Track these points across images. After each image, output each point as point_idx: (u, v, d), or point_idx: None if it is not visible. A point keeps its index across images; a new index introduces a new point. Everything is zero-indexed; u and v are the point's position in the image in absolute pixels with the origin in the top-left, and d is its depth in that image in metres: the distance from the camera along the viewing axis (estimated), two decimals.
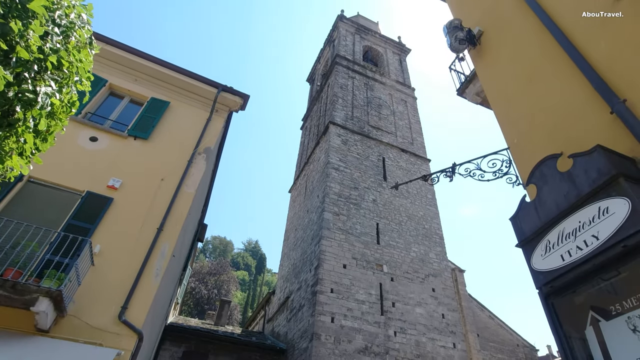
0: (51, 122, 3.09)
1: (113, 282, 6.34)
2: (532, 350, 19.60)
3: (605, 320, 2.85)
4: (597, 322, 2.91)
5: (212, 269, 47.58)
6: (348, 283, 14.10)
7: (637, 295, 2.68)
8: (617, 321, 2.75)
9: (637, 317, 2.64)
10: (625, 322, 2.70)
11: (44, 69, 2.72)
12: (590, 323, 2.96)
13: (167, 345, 13.49)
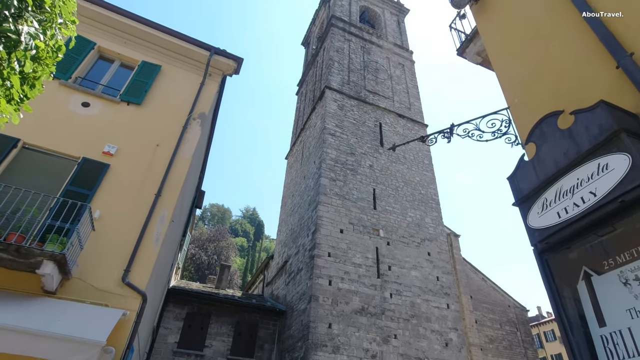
0: (37, 67, 3.01)
1: (115, 246, 6.43)
2: (523, 311, 20.40)
3: (598, 275, 2.93)
4: (589, 277, 2.99)
5: (211, 236, 48.26)
6: (345, 247, 14.39)
7: (630, 250, 2.75)
8: (609, 275, 2.83)
9: (629, 271, 2.72)
10: (617, 276, 2.78)
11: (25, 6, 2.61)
12: (582, 278, 3.04)
13: (170, 307, 13.91)
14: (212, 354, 13.73)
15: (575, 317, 2.96)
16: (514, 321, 19.49)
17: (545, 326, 45.24)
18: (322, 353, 11.87)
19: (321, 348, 11.94)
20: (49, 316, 5.20)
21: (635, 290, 2.61)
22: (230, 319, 14.74)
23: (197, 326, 14.06)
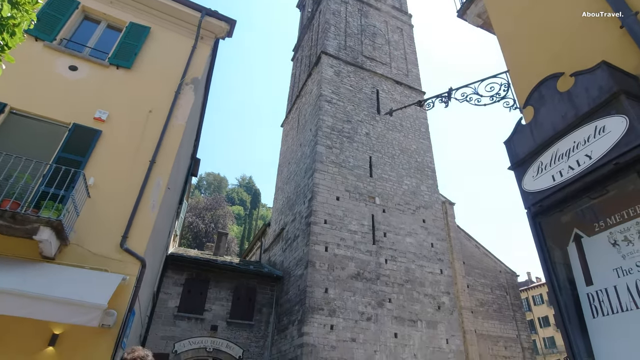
0: (16, 14, 2.88)
1: (111, 213, 6.45)
2: (513, 276, 21.01)
3: (588, 237, 2.98)
4: (580, 239, 3.05)
5: (208, 204, 48.57)
6: (341, 214, 14.54)
7: (621, 212, 2.79)
8: (599, 237, 2.89)
9: (619, 232, 2.77)
10: (606, 237, 2.83)
11: None
12: (573, 240, 3.10)
13: (169, 274, 14.19)
14: (212, 317, 14.16)
15: (563, 278, 3.04)
16: (504, 286, 20.12)
17: (533, 290, 46.92)
18: (318, 316, 12.27)
19: (318, 311, 12.33)
20: (50, 280, 5.29)
21: (624, 251, 2.66)
22: (229, 284, 15.09)
23: (196, 291, 14.41)
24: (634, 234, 2.67)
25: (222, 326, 14.16)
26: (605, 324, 2.64)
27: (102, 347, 5.76)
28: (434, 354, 13.49)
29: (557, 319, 2.85)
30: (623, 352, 2.50)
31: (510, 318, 19.10)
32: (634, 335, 2.44)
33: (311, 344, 11.73)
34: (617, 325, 2.57)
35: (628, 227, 2.70)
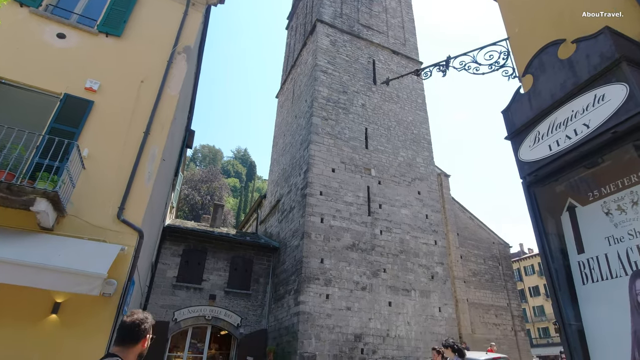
0: None
1: (107, 184, 6.42)
2: (506, 247, 21.45)
3: (582, 206, 3.02)
4: (574, 208, 3.09)
5: (204, 177, 48.48)
6: (337, 186, 14.60)
7: (615, 182, 2.81)
8: (593, 206, 2.93)
9: (613, 202, 2.81)
10: (600, 207, 2.87)
11: None
12: (567, 209, 3.14)
13: (167, 245, 14.34)
14: (210, 287, 14.46)
15: (556, 247, 3.10)
16: (497, 256, 20.58)
17: (525, 261, 48.13)
18: (314, 285, 12.56)
19: (314, 281, 12.61)
20: (49, 251, 5.32)
21: (616, 219, 2.71)
22: (226, 255, 15.31)
23: (194, 262, 14.63)
24: (627, 203, 2.70)
25: (220, 295, 14.48)
26: (594, 290, 2.72)
27: (103, 315, 5.89)
28: (426, 322, 13.96)
29: (548, 286, 2.93)
30: (609, 316, 2.59)
31: (501, 287, 19.66)
32: (621, 300, 2.52)
33: (307, 312, 12.06)
34: (605, 292, 2.65)
35: (622, 196, 2.74)
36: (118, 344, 2.10)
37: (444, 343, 6.28)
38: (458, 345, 6.08)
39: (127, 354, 2.07)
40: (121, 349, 2.07)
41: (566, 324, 2.71)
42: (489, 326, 18.08)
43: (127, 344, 2.09)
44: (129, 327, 2.11)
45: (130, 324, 2.11)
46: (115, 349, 2.08)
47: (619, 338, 2.46)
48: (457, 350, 5.99)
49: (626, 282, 2.53)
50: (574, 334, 2.68)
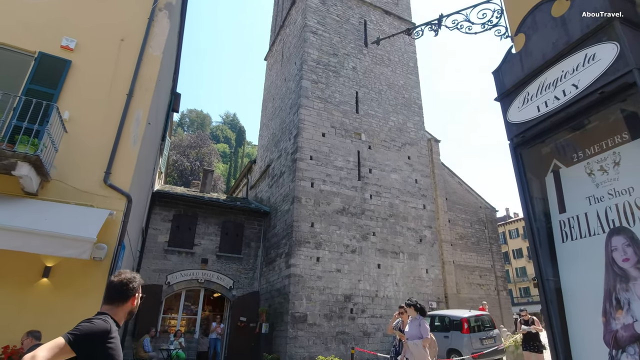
0: None
1: (92, 148, 6.29)
2: (492, 211, 21.93)
3: (566, 167, 3.06)
4: (558, 169, 3.13)
5: (192, 142, 47.82)
6: (327, 151, 14.55)
7: (600, 143, 2.84)
8: (576, 167, 2.96)
9: (595, 162, 2.84)
10: (583, 168, 2.91)
11: None
12: (551, 170, 3.18)
13: (157, 210, 14.34)
14: (201, 251, 14.65)
15: (539, 209, 3.16)
16: (484, 220, 21.07)
17: (510, 225, 49.58)
18: (305, 249, 12.80)
19: (304, 244, 12.84)
20: (37, 215, 5.28)
21: (598, 180, 2.76)
22: (217, 220, 15.41)
23: (184, 227, 14.72)
24: (610, 163, 2.74)
25: (212, 259, 14.72)
26: (573, 247, 2.81)
27: (95, 279, 5.96)
28: (414, 283, 14.46)
29: (529, 244, 3.02)
30: (585, 272, 2.69)
31: (486, 250, 20.29)
32: (597, 257, 2.62)
33: (298, 275, 12.37)
34: (583, 249, 2.74)
35: (605, 157, 2.77)
36: (107, 303, 2.12)
37: (407, 302, 6.48)
38: (420, 304, 6.32)
39: (117, 312, 2.09)
40: (111, 307, 2.09)
41: (545, 280, 2.82)
42: (473, 286, 18.81)
43: (116, 302, 2.11)
44: (117, 286, 2.13)
45: (118, 283, 2.13)
46: (105, 307, 2.11)
47: (592, 292, 2.57)
48: (419, 309, 6.24)
49: (603, 240, 2.61)
50: (551, 289, 2.80)
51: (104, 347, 1.89)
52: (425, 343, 6.03)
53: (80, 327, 1.86)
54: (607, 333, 2.45)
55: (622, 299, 2.43)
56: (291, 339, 11.60)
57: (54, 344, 1.74)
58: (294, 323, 11.79)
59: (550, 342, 2.75)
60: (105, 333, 1.90)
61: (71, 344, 1.77)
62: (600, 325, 2.50)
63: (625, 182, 2.59)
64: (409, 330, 6.27)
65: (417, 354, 6.00)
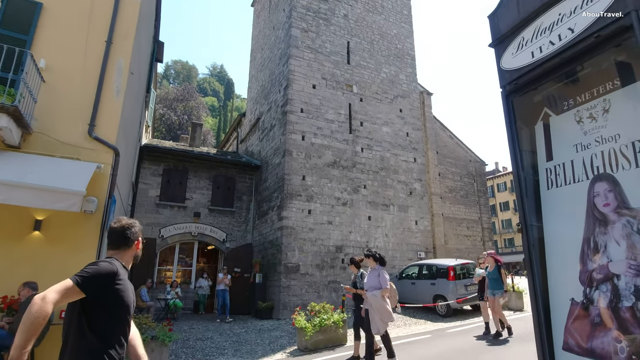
0: None
1: (73, 99, 6.07)
2: (482, 165, 22.16)
3: (556, 115, 3.05)
4: (548, 117, 3.12)
5: (179, 95, 46.48)
6: (318, 103, 14.29)
7: (591, 90, 2.81)
8: (566, 115, 2.95)
9: (585, 110, 2.83)
10: (573, 115, 2.90)
11: None
12: (541, 118, 3.17)
13: (146, 165, 14.21)
14: (193, 205, 14.76)
15: (527, 155, 3.18)
16: (473, 174, 21.36)
17: (499, 179, 50.53)
18: (296, 202, 12.96)
19: (296, 197, 12.97)
20: (22, 169, 5.18)
21: (586, 127, 2.76)
22: (208, 174, 15.38)
23: (175, 181, 14.69)
24: (599, 111, 2.74)
25: (204, 213, 14.87)
26: (557, 194, 2.88)
27: (87, 231, 6.00)
28: (403, 234, 14.89)
29: (515, 190, 3.07)
30: (567, 216, 2.77)
31: (474, 203, 20.76)
32: (579, 201, 2.69)
33: (290, 227, 12.62)
34: (566, 195, 2.81)
35: (595, 104, 2.76)
36: (112, 249, 2.12)
37: (365, 253, 6.30)
38: (380, 254, 6.16)
39: (123, 256, 2.11)
40: (116, 252, 2.10)
41: (528, 225, 2.90)
42: (460, 237, 19.47)
43: (121, 247, 2.12)
44: (119, 231, 2.13)
45: (119, 229, 2.13)
46: (110, 252, 2.11)
47: (573, 237, 2.67)
48: (378, 259, 6.11)
49: (586, 186, 2.67)
50: (534, 233, 2.90)
51: (112, 287, 1.91)
52: (384, 293, 5.89)
53: (87, 269, 1.88)
54: (583, 273, 2.57)
55: (599, 241, 2.52)
56: (284, 287, 12.07)
57: (62, 286, 1.77)
58: (287, 273, 12.21)
59: (530, 285, 2.88)
60: (111, 274, 1.92)
61: (79, 285, 1.79)
62: (577, 267, 2.62)
63: (612, 129, 2.60)
64: (368, 281, 6.14)
65: (376, 304, 5.89)
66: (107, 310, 1.91)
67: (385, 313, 5.88)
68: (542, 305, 2.74)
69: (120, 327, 1.98)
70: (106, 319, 1.91)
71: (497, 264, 8.07)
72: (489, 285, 8.07)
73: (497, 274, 7.98)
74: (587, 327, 2.49)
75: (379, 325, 5.90)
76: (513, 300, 11.67)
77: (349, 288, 6.69)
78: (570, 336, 2.59)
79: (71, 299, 1.82)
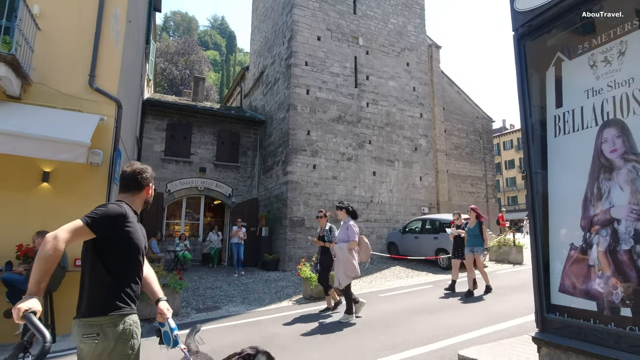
0: None
1: (71, 48, 5.92)
2: (489, 122, 21.73)
3: (569, 60, 2.93)
4: (560, 62, 3.00)
5: (180, 49, 45.19)
6: (322, 56, 13.85)
7: (608, 32, 2.68)
8: (580, 59, 2.84)
9: (600, 53, 2.72)
10: (587, 59, 2.79)
11: None
12: (554, 64, 3.05)
13: (149, 119, 14.13)
14: (199, 160, 14.82)
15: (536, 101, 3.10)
16: (480, 131, 21.02)
17: (505, 137, 49.81)
18: (301, 157, 12.95)
19: (301, 152, 12.95)
20: (24, 120, 5.17)
21: (600, 72, 2.66)
22: (212, 129, 15.30)
23: (179, 136, 14.66)
24: (615, 54, 2.63)
25: (209, 168, 14.97)
26: (564, 141, 2.83)
27: (95, 184, 6.10)
28: (407, 189, 14.97)
29: (522, 138, 3.04)
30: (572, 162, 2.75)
31: (480, 160, 20.62)
32: (586, 148, 2.65)
33: (295, 182, 12.72)
34: (573, 142, 2.77)
35: (611, 47, 2.64)
36: (123, 192, 2.15)
37: (337, 205, 6.16)
38: (352, 207, 6.09)
39: (133, 200, 2.13)
40: (126, 196, 2.13)
41: (533, 172, 2.89)
42: (464, 194, 19.55)
43: (131, 190, 2.14)
44: (131, 175, 2.14)
45: (131, 172, 2.14)
46: (121, 195, 2.14)
47: (577, 183, 2.66)
48: (350, 212, 6.03)
49: (594, 133, 2.62)
50: (538, 181, 2.89)
51: (122, 229, 1.95)
52: (351, 246, 5.79)
53: (96, 210, 1.92)
54: (584, 219, 2.60)
55: (603, 188, 2.52)
56: (290, 240, 12.38)
57: (73, 225, 1.81)
58: (292, 226, 12.47)
59: (531, 231, 2.92)
60: (120, 216, 1.95)
61: (88, 225, 1.83)
62: (578, 213, 2.63)
63: (626, 72, 2.51)
64: (339, 234, 6.05)
65: (342, 256, 5.81)
66: (118, 251, 1.97)
67: (350, 267, 5.76)
68: (541, 250, 2.80)
69: (133, 267, 2.04)
70: (118, 259, 1.97)
71: (478, 219, 7.56)
72: (468, 241, 7.60)
73: (478, 230, 7.47)
74: (584, 270, 2.55)
75: (341, 278, 5.80)
76: (513, 254, 11.93)
77: (316, 240, 6.53)
78: (567, 279, 2.66)
79: (81, 239, 1.88)
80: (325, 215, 6.61)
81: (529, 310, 4.18)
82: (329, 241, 6.34)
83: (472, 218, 7.65)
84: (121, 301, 1.94)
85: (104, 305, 1.90)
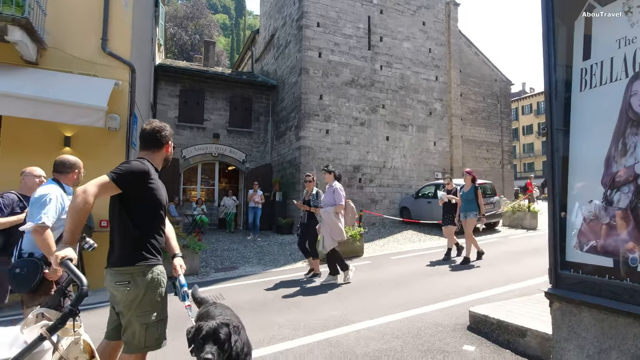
0: None
1: (81, 12, 5.88)
2: (508, 85, 20.95)
3: (601, 6, 2.78)
4: (592, 9, 2.84)
5: (188, 13, 44.22)
6: (335, 16, 13.40)
7: None
8: (613, 5, 2.68)
9: None
10: (621, 5, 2.63)
11: None
12: (584, 10, 2.89)
13: (162, 85, 14.09)
14: (212, 126, 14.86)
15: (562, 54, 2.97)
16: (497, 94, 20.35)
17: (524, 101, 48.13)
18: (314, 121, 12.86)
19: (313, 117, 12.85)
20: (42, 85, 5.23)
21: (634, 18, 2.52)
22: (224, 95, 15.20)
23: (192, 102, 14.64)
24: None
25: (223, 134, 15.02)
26: (590, 96, 2.74)
27: (113, 148, 6.24)
28: (421, 155, 14.83)
29: (545, 92, 2.94)
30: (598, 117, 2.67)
31: (496, 125, 20.11)
32: (614, 102, 2.56)
33: (308, 147, 12.71)
34: (599, 96, 2.67)
35: None
36: (144, 149, 2.21)
37: (323, 168, 6.17)
38: (338, 172, 6.09)
39: (154, 157, 2.20)
40: (147, 153, 2.19)
41: (554, 129, 2.82)
42: (479, 160, 19.26)
43: (151, 148, 2.20)
44: (150, 132, 2.20)
45: (150, 130, 2.20)
46: (142, 153, 2.21)
47: (601, 139, 2.59)
48: (337, 177, 6.03)
49: (623, 85, 2.52)
50: (559, 137, 2.83)
51: (145, 185, 2.03)
52: (338, 209, 5.76)
53: (121, 167, 2.00)
54: (606, 176, 2.55)
55: (629, 143, 2.45)
56: None
57: (100, 180, 1.89)
58: None
59: (549, 190, 2.89)
60: (143, 172, 2.02)
61: (114, 181, 1.91)
62: (600, 170, 2.58)
63: None
64: (325, 198, 6.01)
65: (328, 220, 5.77)
66: (142, 205, 2.06)
67: (336, 230, 5.75)
68: (559, 207, 2.78)
69: (156, 221, 2.14)
70: (143, 213, 2.06)
71: (473, 184, 7.11)
72: (462, 207, 7.18)
73: (473, 194, 7.03)
74: (603, 227, 2.54)
75: (327, 242, 5.80)
76: (528, 220, 11.89)
77: (301, 204, 6.34)
78: (583, 236, 2.66)
79: (108, 194, 1.95)
80: (313, 180, 6.43)
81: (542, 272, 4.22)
82: (314, 206, 6.17)
83: (467, 182, 7.18)
84: (148, 252, 2.05)
85: (133, 256, 2.01)
